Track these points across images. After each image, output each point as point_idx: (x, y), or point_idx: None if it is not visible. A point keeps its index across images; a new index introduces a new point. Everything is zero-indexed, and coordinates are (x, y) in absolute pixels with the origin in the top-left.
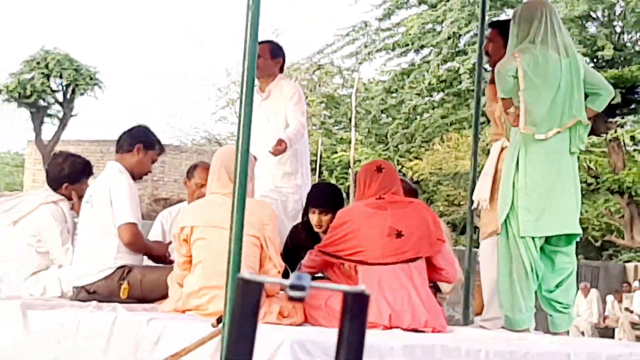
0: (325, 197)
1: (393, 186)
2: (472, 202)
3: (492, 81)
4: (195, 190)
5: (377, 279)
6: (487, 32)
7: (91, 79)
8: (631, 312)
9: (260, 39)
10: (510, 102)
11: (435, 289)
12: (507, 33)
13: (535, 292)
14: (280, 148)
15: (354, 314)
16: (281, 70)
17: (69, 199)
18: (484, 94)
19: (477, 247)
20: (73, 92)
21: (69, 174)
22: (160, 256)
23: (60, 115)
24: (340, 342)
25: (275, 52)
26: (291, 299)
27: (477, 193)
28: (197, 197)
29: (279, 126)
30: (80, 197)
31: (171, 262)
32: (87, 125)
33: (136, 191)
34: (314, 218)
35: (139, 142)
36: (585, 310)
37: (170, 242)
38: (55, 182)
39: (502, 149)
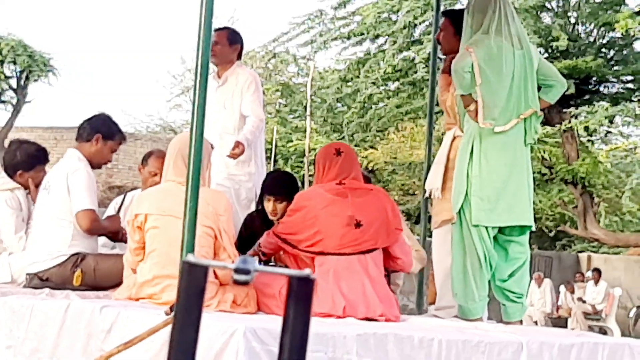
0: (281, 185)
1: (352, 170)
2: (425, 191)
3: (444, 70)
4: (148, 178)
5: (333, 268)
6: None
7: (45, 65)
8: (584, 302)
9: (215, 27)
10: (469, 98)
11: (389, 277)
12: (459, 22)
13: (489, 282)
14: (237, 152)
15: (299, 299)
16: (239, 57)
17: (26, 187)
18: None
19: (431, 236)
20: (27, 78)
21: (22, 161)
22: (115, 232)
23: (14, 101)
24: (285, 328)
25: (232, 38)
26: (236, 282)
27: (429, 182)
28: (150, 185)
29: (234, 114)
30: (37, 185)
31: (126, 240)
32: (41, 112)
33: (94, 179)
34: (269, 206)
35: (98, 132)
36: (539, 300)
37: (118, 217)
38: (9, 170)
39: (454, 138)
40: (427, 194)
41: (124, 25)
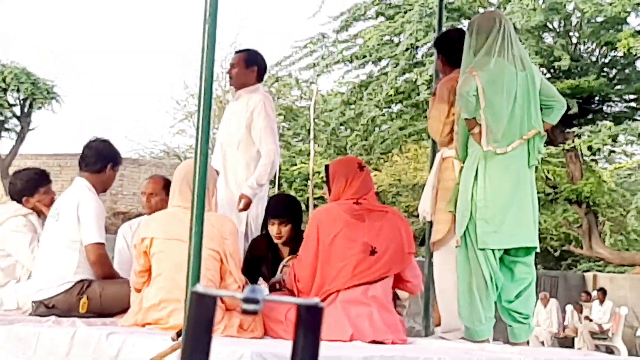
0: (284, 208)
1: (371, 188)
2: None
3: (434, 93)
4: (144, 200)
5: (341, 297)
6: None
7: (48, 92)
8: (590, 321)
9: (217, 51)
10: (474, 121)
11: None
12: (444, 49)
13: (495, 303)
14: (241, 207)
15: (308, 327)
16: (259, 79)
17: (37, 211)
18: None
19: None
20: (30, 105)
21: (24, 188)
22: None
23: (18, 129)
24: (294, 355)
25: (249, 60)
26: (245, 312)
27: (420, 206)
28: (149, 208)
29: (239, 129)
30: (48, 206)
31: None
32: (45, 139)
33: (104, 210)
34: (273, 229)
35: (110, 161)
36: (545, 320)
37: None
38: (15, 199)
39: (443, 160)
40: (420, 218)
41: (127, 47)
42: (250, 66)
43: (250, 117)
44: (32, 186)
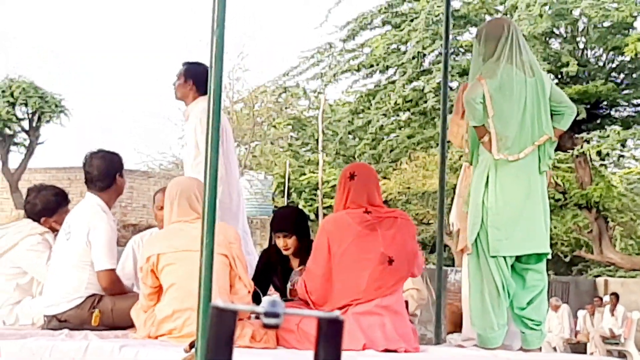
0: (286, 221)
1: (367, 194)
2: (441, 220)
3: (458, 99)
4: (157, 212)
5: (354, 308)
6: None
7: (57, 106)
8: (602, 326)
9: (225, 62)
10: (483, 129)
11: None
12: None
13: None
14: None
15: (329, 339)
16: (199, 92)
17: (53, 230)
18: (450, 112)
19: (447, 265)
20: (39, 119)
21: (43, 209)
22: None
23: (27, 143)
24: None
25: (187, 74)
26: (266, 326)
27: (451, 215)
28: (160, 219)
29: (191, 151)
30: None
31: None
32: (54, 153)
33: (115, 232)
34: (279, 242)
35: (115, 172)
36: (557, 326)
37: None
38: (33, 217)
39: (467, 168)
40: (451, 227)
41: (132, 63)
42: (187, 80)
43: (194, 131)
44: (52, 208)
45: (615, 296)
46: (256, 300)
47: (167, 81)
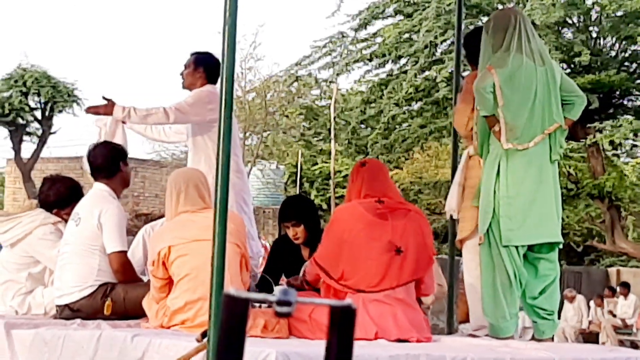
0: (293, 210)
1: (387, 186)
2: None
3: (461, 88)
4: None
5: (364, 297)
6: (463, 41)
7: (69, 95)
8: (614, 316)
9: (237, 51)
10: (494, 119)
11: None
12: (469, 48)
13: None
14: (93, 109)
15: (341, 329)
16: (209, 80)
17: (66, 221)
18: None
19: (459, 255)
20: (52, 109)
21: (56, 201)
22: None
23: (39, 133)
24: (328, 357)
25: (197, 62)
26: (278, 314)
27: (447, 204)
28: None
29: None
30: None
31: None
32: (66, 142)
33: (125, 216)
34: (289, 232)
35: (119, 160)
36: (573, 317)
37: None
38: (45, 208)
39: (470, 157)
40: (447, 216)
41: (145, 51)
42: (198, 67)
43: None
44: (66, 200)
45: (626, 286)
46: (268, 289)
47: (180, 71)
